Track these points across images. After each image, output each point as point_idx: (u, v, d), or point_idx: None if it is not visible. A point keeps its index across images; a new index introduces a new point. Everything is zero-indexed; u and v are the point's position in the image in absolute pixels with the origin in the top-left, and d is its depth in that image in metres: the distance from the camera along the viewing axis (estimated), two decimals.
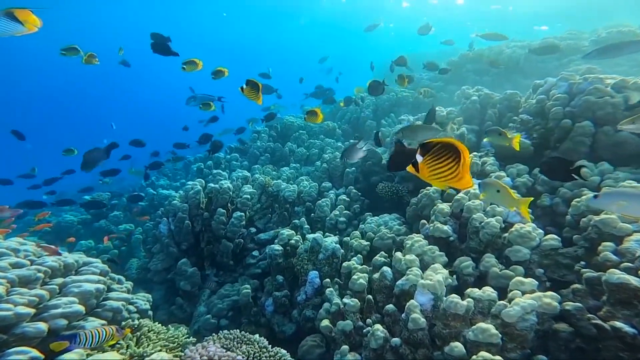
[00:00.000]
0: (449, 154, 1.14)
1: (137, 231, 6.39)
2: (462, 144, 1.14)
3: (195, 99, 4.12)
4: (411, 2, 15.56)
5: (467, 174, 1.16)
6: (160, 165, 5.81)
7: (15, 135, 5.06)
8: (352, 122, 6.32)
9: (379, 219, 3.22)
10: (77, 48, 3.41)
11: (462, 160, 1.14)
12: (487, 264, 2.07)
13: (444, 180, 1.19)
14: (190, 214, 3.85)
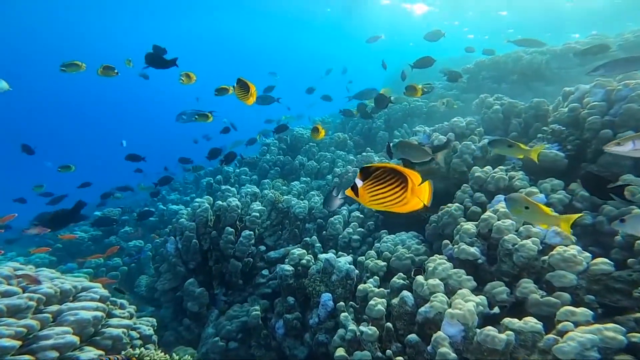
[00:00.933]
0: (393, 178, 1.13)
1: (147, 247, 6.30)
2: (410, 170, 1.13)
3: (185, 115, 4.02)
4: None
5: (415, 198, 1.14)
6: (170, 180, 5.73)
7: (25, 150, 5.03)
8: (363, 134, 6.16)
9: (396, 238, 3.01)
10: (78, 63, 3.35)
11: (410, 185, 1.12)
12: (524, 290, 1.85)
13: (386, 206, 1.16)
14: (197, 233, 3.72)
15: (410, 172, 1.13)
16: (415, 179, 1.13)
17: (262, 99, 5.32)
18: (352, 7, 14.86)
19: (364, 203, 1.18)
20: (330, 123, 7.75)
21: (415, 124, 5.33)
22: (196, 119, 3.79)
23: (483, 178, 2.66)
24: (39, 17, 17.62)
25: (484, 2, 13.30)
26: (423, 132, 3.50)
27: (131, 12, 17.69)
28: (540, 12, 13.70)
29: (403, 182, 1.12)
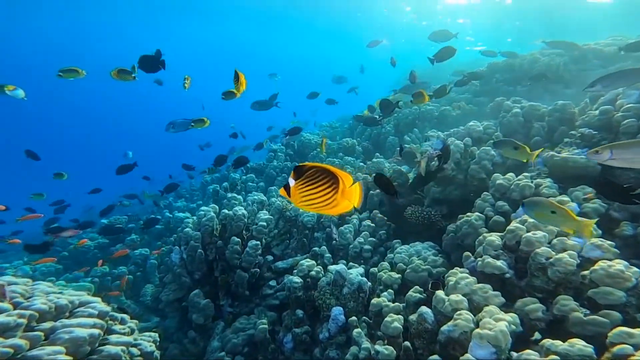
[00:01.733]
0: (325, 179, 1.10)
1: (153, 256, 6.20)
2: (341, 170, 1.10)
3: (174, 126, 3.92)
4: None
5: (345, 200, 1.11)
6: (176, 187, 5.64)
7: (30, 156, 4.95)
8: (372, 139, 6.02)
9: (410, 248, 2.85)
10: (77, 70, 3.26)
11: (341, 186, 1.09)
12: (564, 308, 1.67)
13: (316, 208, 1.13)
14: (203, 242, 3.59)
15: (342, 174, 1.09)
16: (346, 180, 1.10)
17: (260, 104, 5.19)
18: (357, 10, 14.77)
19: (296, 204, 1.14)
20: (338, 128, 7.63)
21: (426, 129, 5.17)
22: (192, 125, 3.68)
23: (506, 186, 2.49)
24: (50, 22, 17.95)
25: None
26: (437, 137, 3.35)
27: (136, 19, 17.90)
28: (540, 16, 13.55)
29: (334, 183, 1.09)
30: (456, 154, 3.03)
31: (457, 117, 5.05)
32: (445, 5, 13.72)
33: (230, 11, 16.47)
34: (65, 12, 15.66)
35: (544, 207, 1.65)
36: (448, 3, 13.51)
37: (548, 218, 1.65)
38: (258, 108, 5.25)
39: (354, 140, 6.11)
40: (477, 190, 2.72)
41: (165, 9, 16.30)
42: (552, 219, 1.64)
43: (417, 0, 13.37)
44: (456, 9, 13.84)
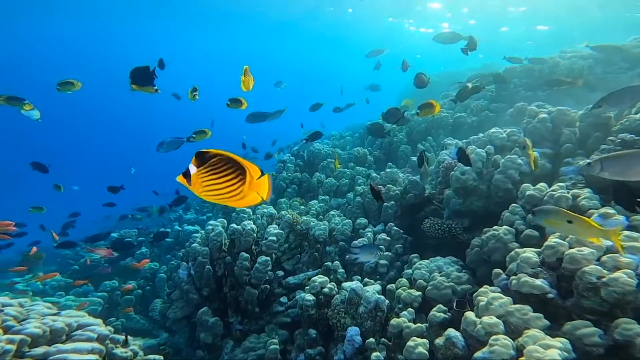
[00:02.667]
0: (230, 168, 1.06)
1: (162, 270, 6.11)
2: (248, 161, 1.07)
3: (165, 145, 3.80)
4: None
5: (253, 192, 1.09)
6: (184, 200, 5.56)
7: (36, 168, 4.86)
8: (384, 148, 5.85)
9: (431, 263, 2.65)
10: (72, 82, 3.19)
11: (248, 178, 1.07)
12: (628, 332, 1.45)
13: (221, 199, 1.09)
14: (211, 258, 3.46)
15: (249, 164, 1.06)
16: (254, 172, 1.07)
17: (255, 117, 4.98)
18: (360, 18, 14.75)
19: (197, 193, 1.08)
20: (348, 137, 7.50)
21: (440, 137, 4.99)
22: (194, 138, 3.58)
23: (538, 197, 2.30)
24: (65, 29, 18.45)
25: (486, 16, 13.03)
26: (455, 145, 3.17)
27: (148, 29, 18.26)
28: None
29: (241, 174, 1.06)
30: (477, 162, 2.85)
31: (473, 124, 4.86)
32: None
33: (240, 22, 16.70)
34: (79, 17, 16.07)
35: (559, 216, 1.56)
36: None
37: (565, 228, 1.56)
38: (253, 120, 4.95)
39: (365, 149, 5.96)
40: (502, 202, 2.52)
41: (177, 20, 16.62)
42: (569, 229, 1.56)
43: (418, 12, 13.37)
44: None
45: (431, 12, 13.41)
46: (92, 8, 14.68)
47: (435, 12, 13.35)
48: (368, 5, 12.94)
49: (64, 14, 15.30)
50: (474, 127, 4.77)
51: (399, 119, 3.74)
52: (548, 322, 1.60)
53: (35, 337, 1.66)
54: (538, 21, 13.90)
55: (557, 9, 11.95)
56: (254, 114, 4.92)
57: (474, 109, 4.01)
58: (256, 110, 4.99)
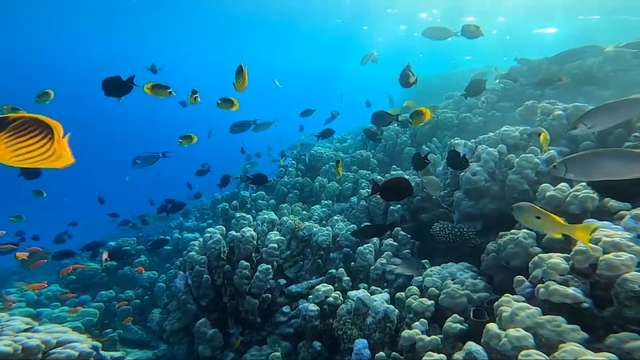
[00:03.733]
0: (36, 129, 1.02)
1: (161, 279, 5.96)
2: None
3: (139, 160, 3.72)
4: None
5: (66, 152, 1.08)
6: (182, 206, 5.42)
7: (26, 175, 4.64)
8: (387, 151, 5.71)
9: (443, 270, 2.49)
10: (48, 92, 3.08)
11: (56, 137, 1.06)
12: None
13: (34, 162, 1.06)
14: (209, 266, 3.30)
15: (53, 122, 1.04)
16: (59, 130, 1.05)
17: (239, 126, 4.80)
18: (362, 18, 14.67)
19: (4, 161, 1.04)
20: (350, 140, 7.37)
21: (446, 138, 4.85)
22: (180, 142, 3.44)
23: (560, 198, 2.14)
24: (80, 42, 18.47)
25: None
26: (463, 145, 3.02)
27: (150, 36, 18.28)
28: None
29: (48, 132, 1.03)
30: (489, 162, 2.70)
31: (479, 124, 4.71)
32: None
33: (246, 27, 16.67)
34: (81, 22, 16.10)
35: (529, 212, 1.68)
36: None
37: (534, 223, 1.68)
38: (237, 131, 4.87)
39: (368, 152, 5.82)
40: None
41: (188, 27, 16.64)
42: (537, 224, 1.67)
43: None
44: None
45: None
46: (94, 12, 14.66)
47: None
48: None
49: (72, 19, 15.31)
50: (481, 128, 4.62)
51: (389, 123, 3.57)
52: (586, 335, 1.43)
53: (4, 356, 1.49)
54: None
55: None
56: (238, 124, 4.81)
57: (485, 100, 3.85)
58: (242, 119, 4.82)
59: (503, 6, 11.32)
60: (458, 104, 5.40)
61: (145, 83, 2.94)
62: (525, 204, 1.74)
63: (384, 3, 12.37)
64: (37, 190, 5.07)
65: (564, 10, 11.39)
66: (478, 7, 11.39)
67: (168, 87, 2.91)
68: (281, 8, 13.59)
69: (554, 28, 14.33)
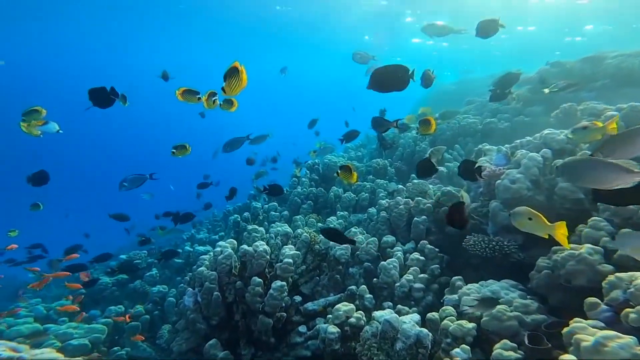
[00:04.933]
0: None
1: (171, 293, 5.77)
2: None
3: (127, 182, 3.59)
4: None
5: None
6: (191, 217, 5.23)
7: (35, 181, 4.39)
8: (405, 159, 5.45)
9: (482, 288, 2.20)
10: (38, 109, 2.97)
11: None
12: None
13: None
14: (220, 283, 3.07)
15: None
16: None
17: (232, 144, 4.62)
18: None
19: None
20: (365, 148, 7.14)
21: (469, 145, 4.57)
22: (174, 153, 3.24)
23: (631, 208, 1.85)
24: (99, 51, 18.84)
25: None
26: (497, 151, 2.75)
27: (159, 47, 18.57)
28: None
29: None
30: (532, 169, 2.42)
31: (506, 130, 4.42)
32: None
33: (266, 39, 16.78)
34: (86, 30, 16.44)
35: (523, 214, 1.75)
36: None
37: (527, 225, 1.75)
38: (230, 149, 4.68)
39: (385, 160, 5.57)
40: (571, 215, 2.08)
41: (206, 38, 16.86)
42: (529, 226, 1.74)
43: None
44: None
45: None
46: (104, 20, 14.93)
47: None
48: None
49: (80, 26, 15.63)
50: (507, 133, 4.33)
51: (387, 129, 3.36)
52: None
53: None
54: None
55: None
56: (230, 142, 4.64)
57: (516, 97, 3.55)
58: (233, 136, 4.64)
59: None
60: (480, 109, 5.13)
61: (177, 89, 2.81)
62: (522, 208, 1.80)
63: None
64: (35, 204, 4.91)
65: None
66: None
67: (198, 93, 2.79)
68: (302, 22, 13.70)
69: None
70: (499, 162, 2.61)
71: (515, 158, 2.53)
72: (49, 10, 13.48)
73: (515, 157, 2.53)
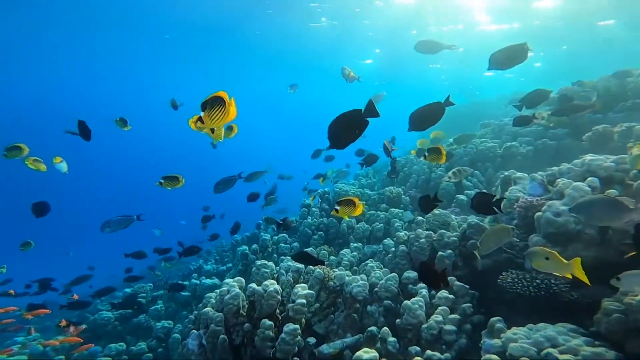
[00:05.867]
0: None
1: (177, 329, 5.48)
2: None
3: (110, 225, 3.52)
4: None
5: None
6: (197, 250, 5.05)
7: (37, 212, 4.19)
8: (420, 186, 5.22)
9: (533, 333, 1.89)
10: (20, 146, 2.95)
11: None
12: None
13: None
14: (227, 324, 2.80)
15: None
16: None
17: (225, 184, 4.56)
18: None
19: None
20: (377, 175, 6.95)
21: (489, 170, 4.34)
22: (161, 183, 3.07)
23: None
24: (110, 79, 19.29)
25: None
26: (531, 180, 2.52)
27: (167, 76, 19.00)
28: None
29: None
30: (577, 200, 2.18)
31: (528, 154, 4.19)
32: None
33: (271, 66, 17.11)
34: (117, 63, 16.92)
35: (539, 255, 1.76)
36: None
37: (545, 265, 1.75)
38: (223, 190, 4.61)
39: (398, 188, 5.34)
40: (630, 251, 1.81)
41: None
42: (548, 266, 1.75)
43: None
44: None
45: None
46: (112, 48, 15.34)
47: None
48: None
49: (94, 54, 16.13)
50: (530, 158, 4.10)
51: (373, 162, 3.23)
52: None
53: None
54: None
55: None
56: (222, 182, 4.58)
57: (545, 116, 3.33)
58: (223, 174, 4.58)
59: None
60: (498, 132, 4.93)
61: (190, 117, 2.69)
62: (537, 248, 1.81)
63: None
64: (26, 242, 4.78)
65: None
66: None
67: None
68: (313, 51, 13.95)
69: None
70: (535, 191, 2.38)
71: (556, 188, 2.30)
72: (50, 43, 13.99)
73: (555, 187, 2.29)
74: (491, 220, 3.14)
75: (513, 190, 2.71)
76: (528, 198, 2.38)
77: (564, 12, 9.62)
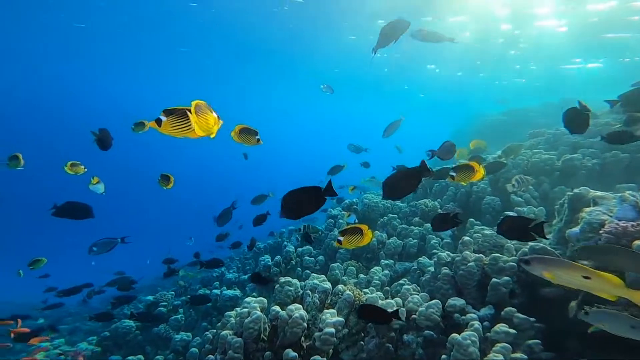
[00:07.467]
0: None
1: (195, 341, 5.26)
2: None
3: (96, 247, 3.51)
4: None
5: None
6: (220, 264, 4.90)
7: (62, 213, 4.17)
8: (460, 200, 4.75)
9: None
10: (17, 156, 2.99)
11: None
12: None
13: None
14: (246, 350, 2.49)
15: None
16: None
17: (223, 217, 4.90)
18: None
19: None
20: None
21: (544, 185, 3.83)
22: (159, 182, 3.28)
23: None
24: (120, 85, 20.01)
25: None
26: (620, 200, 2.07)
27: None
28: None
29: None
30: None
31: (594, 167, 3.61)
32: None
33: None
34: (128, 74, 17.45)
35: (573, 270, 1.54)
36: None
37: (578, 282, 1.53)
38: (221, 224, 4.90)
39: (434, 202, 4.91)
40: None
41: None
42: (585, 284, 1.52)
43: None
44: None
45: None
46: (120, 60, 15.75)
47: None
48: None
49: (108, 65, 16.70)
50: (597, 172, 3.55)
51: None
52: None
53: None
54: None
55: None
56: (223, 214, 4.85)
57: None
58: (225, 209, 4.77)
59: None
60: (553, 143, 4.40)
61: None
62: (570, 263, 1.63)
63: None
64: (35, 260, 4.85)
65: None
66: None
67: (256, 133, 2.39)
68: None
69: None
70: (626, 214, 1.94)
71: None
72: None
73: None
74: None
75: (594, 212, 2.25)
76: (619, 223, 1.95)
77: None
